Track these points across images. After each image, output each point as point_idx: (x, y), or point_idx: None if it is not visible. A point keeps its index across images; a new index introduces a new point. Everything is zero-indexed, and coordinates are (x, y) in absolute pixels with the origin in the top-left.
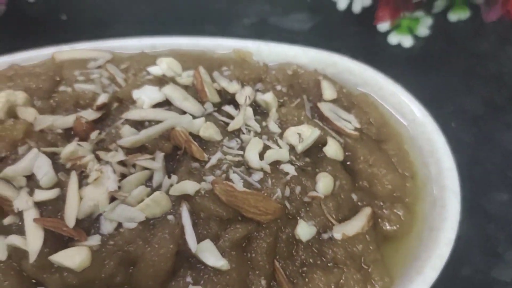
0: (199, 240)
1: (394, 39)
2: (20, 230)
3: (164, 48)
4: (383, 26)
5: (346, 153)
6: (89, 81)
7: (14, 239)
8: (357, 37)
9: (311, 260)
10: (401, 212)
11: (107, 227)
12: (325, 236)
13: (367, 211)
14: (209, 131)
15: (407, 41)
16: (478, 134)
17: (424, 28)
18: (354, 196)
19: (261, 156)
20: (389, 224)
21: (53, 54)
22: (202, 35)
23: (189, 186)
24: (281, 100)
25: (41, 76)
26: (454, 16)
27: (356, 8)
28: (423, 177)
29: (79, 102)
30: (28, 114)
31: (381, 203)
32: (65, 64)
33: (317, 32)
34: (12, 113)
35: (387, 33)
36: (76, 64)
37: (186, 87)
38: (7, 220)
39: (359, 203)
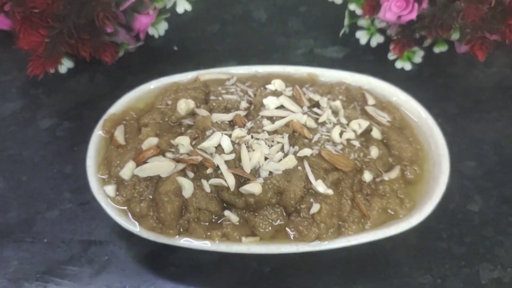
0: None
1: (399, 64)
2: (216, 176)
3: (264, 72)
4: (391, 56)
5: (383, 135)
6: (230, 93)
7: (217, 180)
8: (374, 63)
9: (370, 192)
10: (417, 168)
11: (264, 173)
12: (377, 179)
13: (398, 167)
14: (310, 122)
15: (407, 66)
16: (455, 125)
17: (418, 57)
18: (389, 159)
19: (340, 136)
20: (410, 175)
21: (197, 76)
22: (273, 60)
23: (307, 151)
24: (343, 106)
25: (197, 90)
26: (437, 49)
27: (373, 43)
28: (427, 149)
29: (227, 106)
30: (204, 112)
31: (405, 163)
32: (209, 82)
33: (348, 60)
34: (188, 113)
35: (394, 60)
36: (216, 83)
37: (289, 97)
38: (208, 171)
39: (392, 163)
